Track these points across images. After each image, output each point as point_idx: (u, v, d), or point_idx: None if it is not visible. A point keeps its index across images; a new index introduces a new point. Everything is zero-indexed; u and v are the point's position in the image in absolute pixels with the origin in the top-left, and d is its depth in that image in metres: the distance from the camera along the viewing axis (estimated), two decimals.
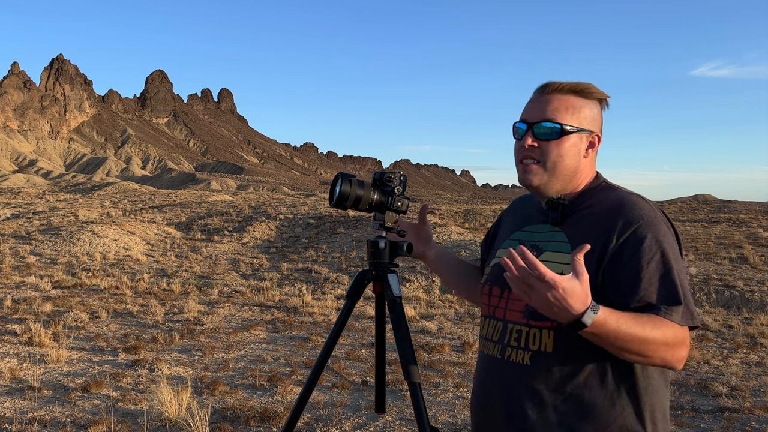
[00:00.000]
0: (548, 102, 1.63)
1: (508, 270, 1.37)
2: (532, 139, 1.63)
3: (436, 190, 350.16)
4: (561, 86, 1.64)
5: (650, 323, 1.43)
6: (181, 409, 5.34)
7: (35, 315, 10.12)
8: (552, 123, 1.61)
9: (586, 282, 1.35)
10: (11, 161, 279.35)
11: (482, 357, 1.75)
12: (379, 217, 1.95)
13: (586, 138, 1.65)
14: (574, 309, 1.35)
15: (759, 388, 7.17)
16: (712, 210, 44.26)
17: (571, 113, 1.62)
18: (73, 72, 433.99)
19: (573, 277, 1.35)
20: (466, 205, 43.46)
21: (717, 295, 14.40)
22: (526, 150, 1.64)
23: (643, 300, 1.48)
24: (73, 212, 28.96)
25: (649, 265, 1.49)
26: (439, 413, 5.88)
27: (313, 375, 1.97)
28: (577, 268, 1.35)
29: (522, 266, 1.35)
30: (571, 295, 1.34)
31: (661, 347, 1.44)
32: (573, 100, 1.63)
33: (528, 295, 1.38)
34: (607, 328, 1.39)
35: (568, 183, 1.66)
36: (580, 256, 1.35)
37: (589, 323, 1.37)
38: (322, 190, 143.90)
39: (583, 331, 1.40)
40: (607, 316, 1.38)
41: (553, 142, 1.62)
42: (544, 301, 1.36)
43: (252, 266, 19.70)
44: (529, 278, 1.34)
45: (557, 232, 1.65)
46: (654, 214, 1.55)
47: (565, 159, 1.63)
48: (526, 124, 1.64)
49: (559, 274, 1.44)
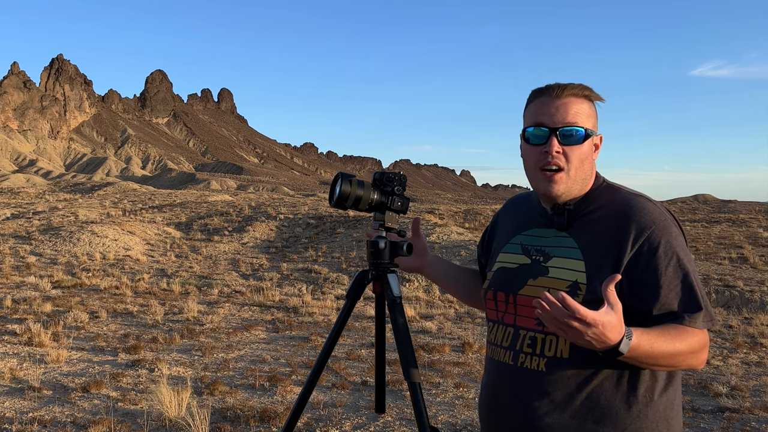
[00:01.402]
0: (567, 105, 1.60)
1: (543, 312, 1.36)
2: (558, 144, 1.59)
3: (436, 190, 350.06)
4: (575, 89, 1.62)
5: (678, 337, 1.46)
6: (181, 409, 5.35)
7: (35, 315, 10.12)
8: (577, 127, 1.59)
9: (620, 312, 1.36)
10: (11, 161, 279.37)
11: (492, 363, 1.73)
12: (379, 217, 1.95)
13: (595, 141, 1.66)
14: (611, 340, 1.36)
15: (759, 388, 7.18)
16: (712, 210, 44.28)
17: (587, 116, 1.62)
18: (73, 72, 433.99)
19: (609, 309, 1.35)
20: (466, 205, 43.47)
21: (717, 295, 14.40)
22: (552, 156, 1.59)
23: (665, 308, 1.49)
24: (73, 212, 28.96)
25: (667, 271, 1.50)
26: (439, 413, 5.88)
27: (313, 375, 1.97)
28: (611, 299, 1.35)
29: (559, 307, 1.33)
30: (610, 329, 1.35)
31: (688, 356, 1.47)
32: (585, 102, 1.63)
33: (565, 333, 1.37)
34: (640, 351, 1.41)
35: (584, 187, 1.65)
36: (612, 288, 1.35)
37: (626, 351, 1.39)
38: (322, 190, 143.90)
39: (618, 358, 1.41)
40: (640, 339, 1.40)
41: (576, 147, 1.60)
42: (582, 338, 1.36)
43: (252, 266, 19.70)
44: (567, 319, 1.33)
45: (565, 237, 1.63)
46: (664, 216, 1.56)
47: (585, 164, 1.62)
48: (549, 129, 1.60)
49: (572, 282, 1.48)
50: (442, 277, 2.03)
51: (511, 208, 1.89)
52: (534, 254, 1.68)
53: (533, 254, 1.68)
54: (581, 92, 1.62)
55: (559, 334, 1.40)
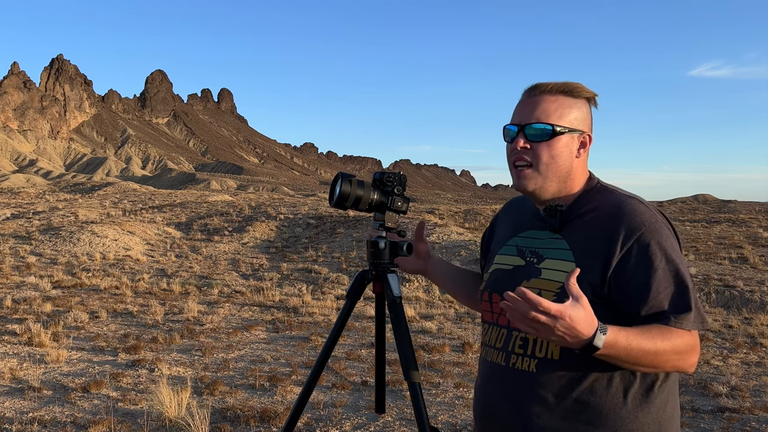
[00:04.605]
0: (537, 103, 1.62)
1: (510, 312, 1.37)
2: (524, 140, 1.62)
3: (436, 190, 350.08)
4: (549, 87, 1.63)
5: (660, 335, 1.45)
6: (181, 409, 5.34)
7: (35, 315, 10.12)
8: (543, 124, 1.60)
9: (587, 304, 1.36)
10: (11, 161, 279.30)
11: (485, 364, 1.74)
12: (379, 217, 1.95)
13: (577, 138, 1.64)
14: (583, 334, 1.36)
15: (759, 388, 7.17)
16: (712, 210, 44.23)
17: (561, 114, 1.61)
18: (73, 72, 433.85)
19: (574, 302, 1.35)
20: (466, 205, 43.46)
21: (717, 295, 14.40)
22: (518, 152, 1.63)
23: (654, 308, 1.49)
24: (73, 212, 28.95)
25: (656, 273, 1.49)
26: (439, 413, 5.88)
27: (313, 375, 1.97)
28: (574, 291, 1.36)
29: (524, 305, 1.35)
30: (578, 321, 1.35)
31: (672, 357, 1.46)
32: (562, 100, 1.63)
33: (536, 330, 1.38)
34: (617, 347, 1.40)
35: (563, 185, 1.65)
36: (573, 280, 1.36)
37: (601, 345, 1.38)
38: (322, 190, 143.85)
39: (596, 354, 1.41)
40: (617, 335, 1.40)
41: (544, 144, 1.61)
42: (553, 333, 1.36)
43: (252, 266, 19.69)
44: (534, 316, 1.34)
45: (558, 239, 1.64)
46: (655, 218, 1.55)
47: (557, 160, 1.62)
48: (517, 126, 1.63)
49: (563, 283, 1.45)
50: (443, 279, 2.03)
51: (509, 210, 1.90)
52: (528, 256, 1.69)
53: (528, 256, 1.69)
54: (559, 89, 1.63)
55: (531, 334, 1.40)
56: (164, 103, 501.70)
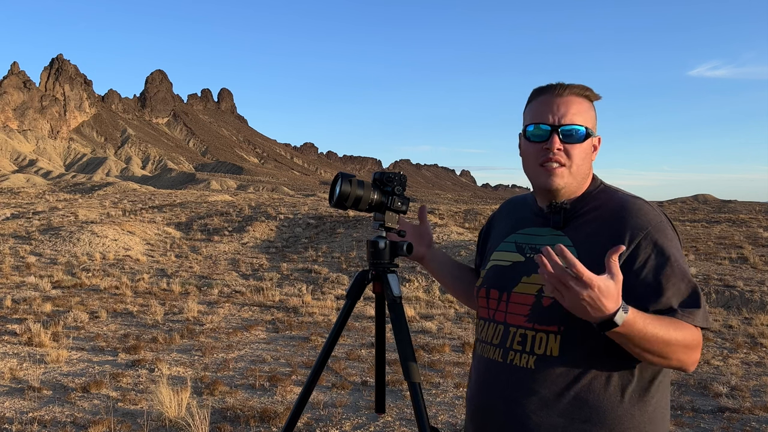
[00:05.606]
0: (569, 104, 1.62)
1: (543, 267, 1.35)
2: (560, 141, 1.61)
3: (436, 190, 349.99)
4: (576, 89, 1.64)
5: (673, 326, 1.45)
6: (181, 409, 5.34)
7: (35, 315, 10.12)
8: (578, 126, 1.61)
9: (620, 282, 1.35)
10: (11, 161, 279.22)
11: (480, 360, 1.74)
12: (379, 217, 1.95)
13: (594, 142, 1.67)
14: (607, 309, 1.35)
15: (759, 388, 7.17)
16: (712, 210, 44.23)
17: (588, 116, 1.64)
18: (73, 72, 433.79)
19: (608, 276, 1.34)
20: (466, 205, 43.48)
21: (717, 295, 14.39)
22: (554, 153, 1.61)
23: (664, 304, 1.49)
24: (73, 212, 28.95)
25: (666, 271, 1.50)
26: (439, 413, 5.88)
27: (313, 375, 1.97)
28: (613, 269, 1.35)
29: (559, 264, 1.33)
30: (607, 295, 1.34)
31: (681, 349, 1.46)
32: (586, 102, 1.65)
33: (561, 294, 1.37)
34: (635, 328, 1.39)
35: (581, 185, 1.67)
36: (615, 257, 1.35)
37: (621, 323, 1.37)
38: (322, 190, 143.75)
39: (611, 331, 1.39)
40: (635, 316, 1.39)
41: (578, 145, 1.62)
42: (578, 301, 1.35)
43: (252, 266, 19.69)
44: (565, 277, 1.33)
45: (560, 236, 1.64)
46: (659, 218, 1.57)
47: (586, 162, 1.64)
48: (551, 126, 1.62)
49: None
50: (442, 272, 2.04)
51: (507, 209, 1.90)
52: (528, 252, 1.69)
53: (528, 252, 1.69)
54: (582, 92, 1.65)
55: (556, 298, 1.39)
56: (164, 103, 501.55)
